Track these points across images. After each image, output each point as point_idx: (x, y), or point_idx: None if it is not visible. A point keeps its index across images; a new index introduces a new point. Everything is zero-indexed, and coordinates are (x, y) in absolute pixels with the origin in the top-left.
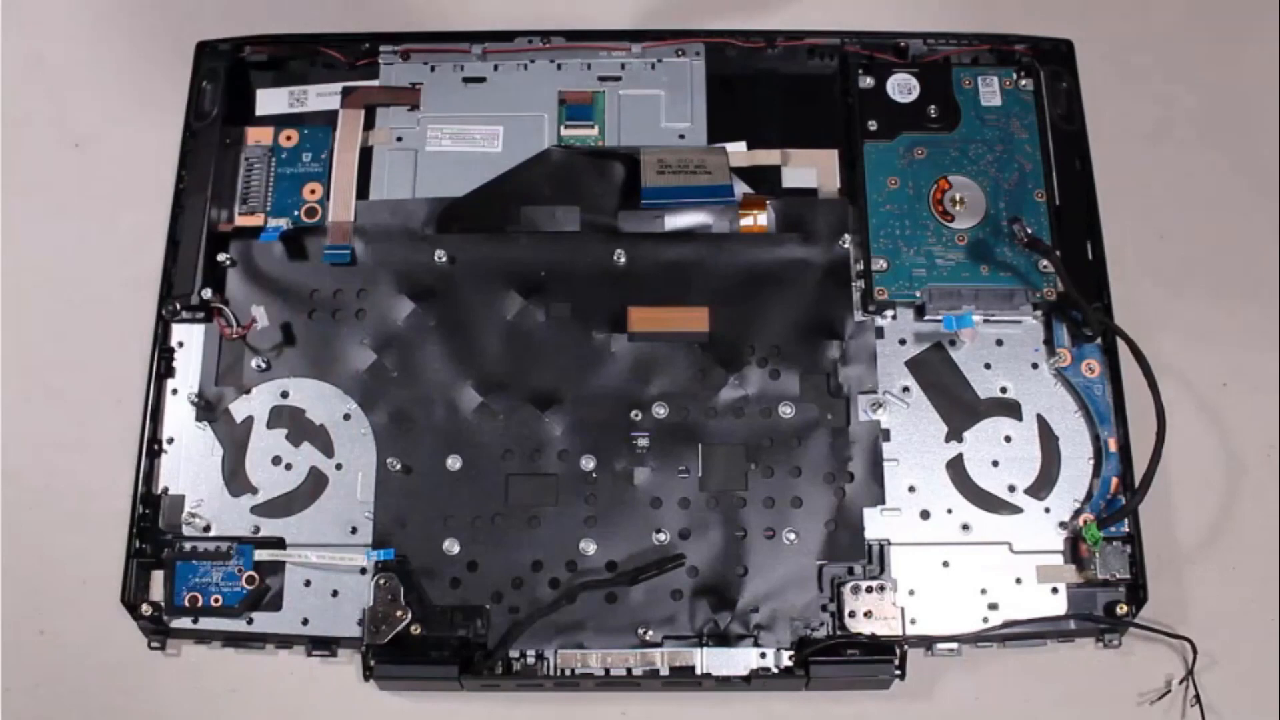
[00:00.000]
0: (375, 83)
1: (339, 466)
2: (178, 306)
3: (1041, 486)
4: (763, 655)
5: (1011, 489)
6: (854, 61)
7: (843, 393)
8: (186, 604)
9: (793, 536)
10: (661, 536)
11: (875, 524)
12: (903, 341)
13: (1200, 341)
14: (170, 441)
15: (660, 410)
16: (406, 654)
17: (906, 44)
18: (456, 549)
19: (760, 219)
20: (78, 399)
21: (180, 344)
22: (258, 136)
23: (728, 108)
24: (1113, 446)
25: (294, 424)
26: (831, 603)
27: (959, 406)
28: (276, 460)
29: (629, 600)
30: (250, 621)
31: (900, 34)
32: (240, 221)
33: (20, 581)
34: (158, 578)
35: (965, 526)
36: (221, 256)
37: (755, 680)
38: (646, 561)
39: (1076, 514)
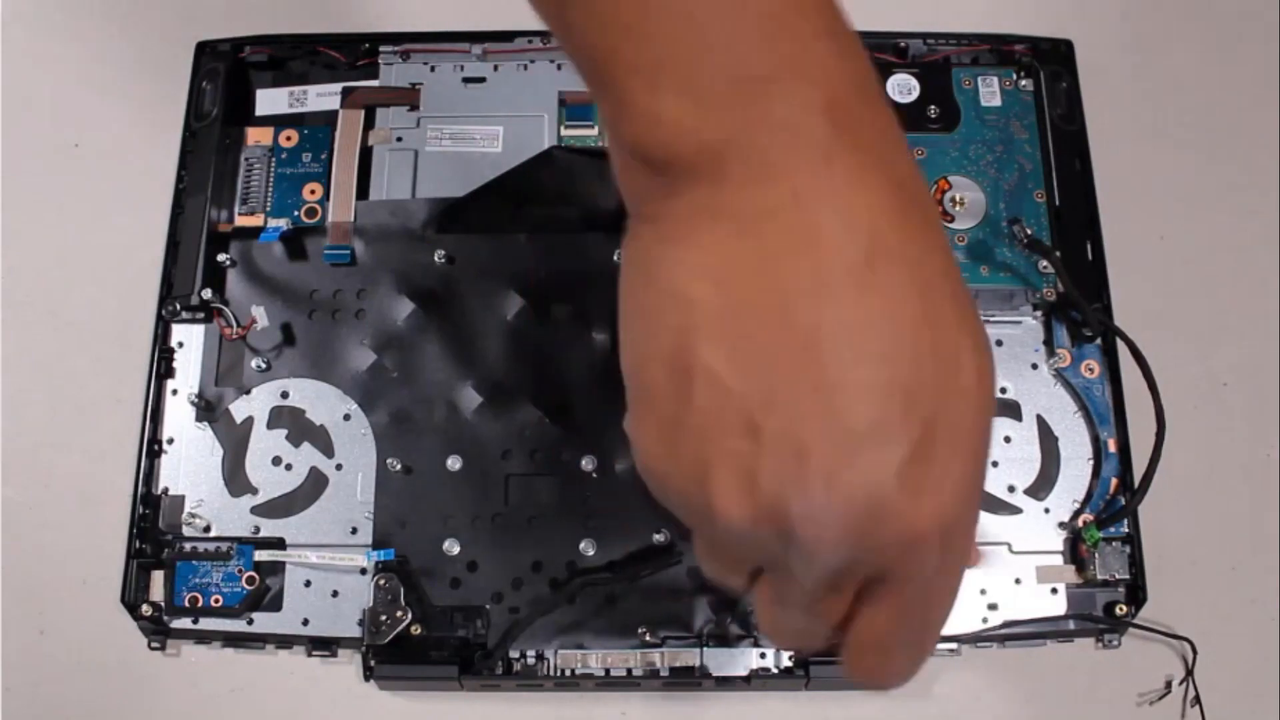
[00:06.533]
0: (375, 83)
1: (339, 467)
2: (178, 307)
3: (1041, 487)
4: (763, 655)
5: (1011, 489)
6: None
7: None
8: (187, 604)
9: None
10: (660, 537)
11: None
12: None
13: (1200, 341)
14: (170, 442)
15: None
16: (406, 654)
17: (906, 44)
18: (456, 549)
19: None
20: (78, 399)
21: (180, 344)
22: (258, 137)
23: None
24: (1112, 447)
25: (294, 424)
26: None
27: None
28: (277, 461)
29: (629, 600)
30: (250, 622)
31: (900, 34)
32: (240, 222)
33: (20, 581)
34: (158, 578)
35: None
36: (221, 257)
37: (755, 680)
38: (646, 561)
39: (1076, 514)
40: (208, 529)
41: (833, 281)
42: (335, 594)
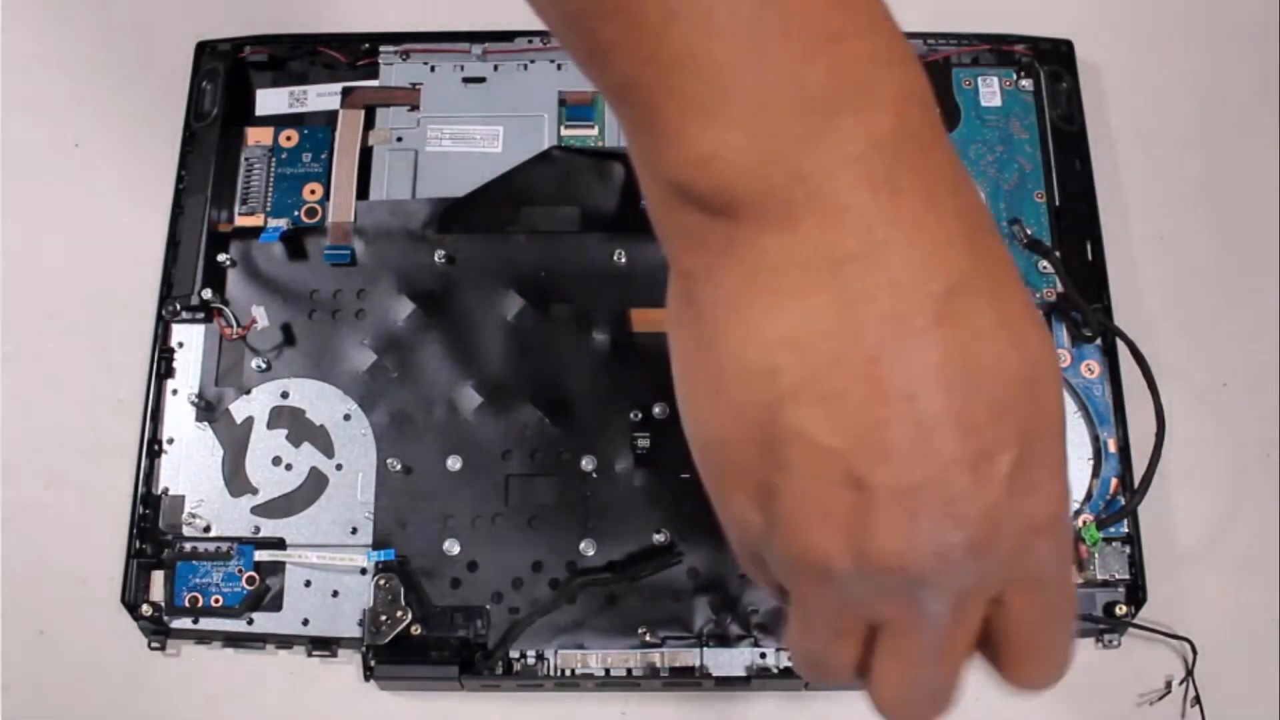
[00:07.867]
0: (375, 83)
1: (339, 467)
2: (178, 307)
3: None
4: (763, 655)
5: None
6: None
7: None
8: (187, 604)
9: None
10: (660, 537)
11: None
12: None
13: (1200, 341)
14: (170, 442)
15: (660, 410)
16: (406, 654)
17: None
18: (457, 549)
19: None
20: (78, 399)
21: (180, 344)
22: (258, 136)
23: None
24: (1112, 447)
25: (294, 424)
26: None
27: None
28: (277, 461)
29: (629, 600)
30: (250, 622)
31: None
32: (240, 222)
33: (20, 581)
34: (158, 578)
35: None
36: (221, 257)
37: (755, 680)
38: (646, 561)
39: (1075, 514)
40: (208, 529)
41: (916, 322)
42: (335, 594)
